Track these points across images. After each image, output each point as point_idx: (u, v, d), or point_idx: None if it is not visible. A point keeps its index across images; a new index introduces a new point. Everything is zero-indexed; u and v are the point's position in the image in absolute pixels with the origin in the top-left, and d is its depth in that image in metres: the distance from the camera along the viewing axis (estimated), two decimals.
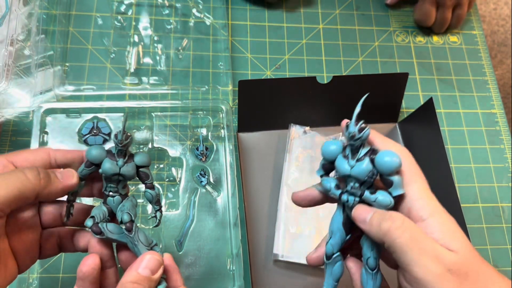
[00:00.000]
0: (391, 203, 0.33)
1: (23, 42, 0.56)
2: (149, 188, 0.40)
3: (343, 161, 0.35)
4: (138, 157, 0.39)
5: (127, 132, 0.37)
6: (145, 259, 0.35)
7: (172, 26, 0.66)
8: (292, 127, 0.61)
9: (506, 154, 0.66)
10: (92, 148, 0.38)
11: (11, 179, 0.32)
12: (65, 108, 0.56)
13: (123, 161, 0.38)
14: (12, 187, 0.32)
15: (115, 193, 0.39)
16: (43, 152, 0.37)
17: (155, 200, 0.40)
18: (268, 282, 0.55)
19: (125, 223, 0.37)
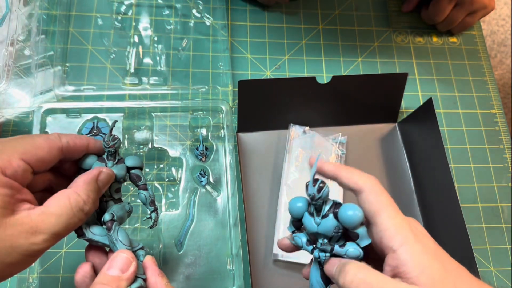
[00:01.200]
0: (361, 254, 0.34)
1: (23, 42, 0.56)
2: (142, 190, 0.40)
3: (310, 218, 0.35)
4: (128, 159, 0.39)
5: (114, 134, 0.38)
6: (113, 258, 0.34)
7: (172, 26, 0.66)
8: (292, 127, 0.61)
9: (505, 154, 0.66)
10: (84, 157, 0.38)
11: (74, 221, 0.33)
12: (65, 108, 0.56)
13: (113, 163, 0.38)
14: (72, 227, 0.33)
15: (108, 197, 0.39)
16: (57, 150, 0.36)
17: (149, 201, 0.41)
18: (268, 282, 0.55)
19: (105, 222, 0.37)
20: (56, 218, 0.32)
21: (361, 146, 0.63)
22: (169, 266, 0.52)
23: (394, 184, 0.61)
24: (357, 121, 0.64)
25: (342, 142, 0.62)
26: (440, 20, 0.71)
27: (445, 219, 0.55)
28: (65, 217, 0.32)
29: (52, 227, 0.31)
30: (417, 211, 0.60)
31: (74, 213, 0.33)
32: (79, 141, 0.38)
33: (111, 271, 0.33)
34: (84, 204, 0.34)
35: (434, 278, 0.30)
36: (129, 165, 0.39)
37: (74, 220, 0.33)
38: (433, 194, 0.58)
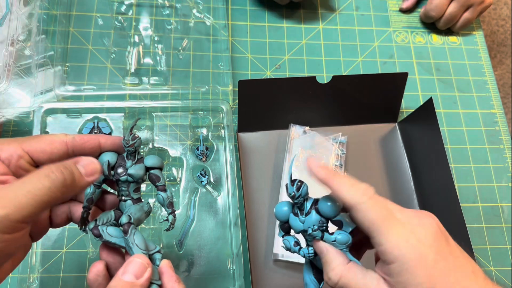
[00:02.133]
0: (349, 239, 0.35)
1: (23, 42, 0.56)
2: (160, 191, 0.39)
3: (295, 218, 0.37)
4: (148, 158, 0.39)
5: (134, 133, 0.37)
6: (128, 263, 0.33)
7: (172, 26, 0.66)
8: (292, 127, 0.61)
9: (505, 154, 0.66)
10: (103, 154, 0.37)
11: (40, 192, 0.30)
12: (65, 108, 0.56)
13: (132, 162, 0.38)
14: (40, 201, 0.30)
15: (126, 197, 0.38)
16: (61, 144, 0.36)
17: (167, 203, 0.40)
18: (268, 281, 0.55)
19: (122, 224, 0.36)
20: (20, 185, 0.30)
21: (361, 146, 0.63)
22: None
23: (394, 184, 0.61)
24: (357, 121, 0.64)
25: (342, 142, 0.62)
26: (438, 17, 0.71)
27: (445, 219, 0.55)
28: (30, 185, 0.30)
29: (15, 196, 0.29)
30: None
31: (43, 182, 0.30)
32: (88, 137, 0.37)
33: (126, 276, 0.33)
34: (51, 173, 0.31)
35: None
36: (149, 165, 0.38)
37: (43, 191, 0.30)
38: (433, 194, 0.58)
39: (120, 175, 0.37)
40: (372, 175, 0.62)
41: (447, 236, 0.33)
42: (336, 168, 0.60)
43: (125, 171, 0.37)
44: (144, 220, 0.39)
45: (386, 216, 0.33)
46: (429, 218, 0.34)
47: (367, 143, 0.63)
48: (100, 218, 0.37)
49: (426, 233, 0.32)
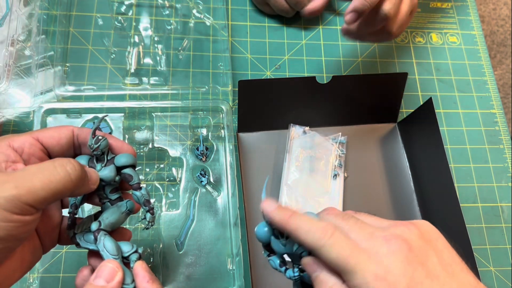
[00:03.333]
0: None
1: (23, 42, 0.56)
2: (134, 190, 0.38)
3: (276, 241, 0.36)
4: (118, 158, 0.37)
5: (97, 135, 0.36)
6: (99, 268, 0.34)
7: (172, 26, 0.66)
8: (292, 127, 0.61)
9: (505, 154, 0.66)
10: (78, 158, 0.37)
11: (55, 179, 0.30)
12: (65, 108, 0.56)
13: (101, 165, 0.37)
14: (54, 188, 0.30)
15: (105, 199, 0.38)
16: (67, 129, 0.36)
17: (143, 201, 0.38)
18: (268, 281, 0.55)
19: (93, 231, 0.36)
20: (36, 169, 0.30)
21: (361, 146, 0.63)
22: (169, 266, 0.52)
23: (394, 184, 0.61)
24: (357, 121, 0.64)
25: (342, 142, 0.62)
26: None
27: (445, 219, 0.55)
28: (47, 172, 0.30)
29: (29, 179, 0.29)
30: (417, 211, 0.60)
31: (58, 171, 0.31)
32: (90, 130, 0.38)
33: (97, 281, 0.33)
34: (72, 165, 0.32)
35: None
36: (119, 164, 0.37)
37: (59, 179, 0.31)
38: (433, 194, 0.58)
39: None
40: (372, 175, 0.62)
41: (424, 257, 0.30)
42: (336, 169, 0.60)
43: None
44: (123, 220, 0.38)
45: (350, 253, 0.31)
46: (397, 241, 0.31)
47: (367, 143, 0.63)
48: (79, 226, 0.37)
49: (395, 260, 0.30)
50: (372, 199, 0.60)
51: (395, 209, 0.60)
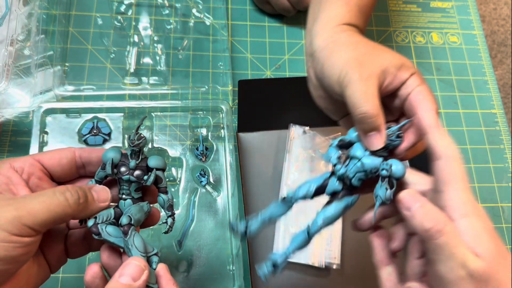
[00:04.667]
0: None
1: (23, 42, 0.56)
2: (162, 193, 0.39)
3: (360, 147, 0.37)
4: (152, 159, 0.38)
5: (140, 133, 0.37)
6: (126, 265, 0.34)
7: (172, 26, 0.66)
8: (292, 127, 0.61)
9: (506, 154, 0.66)
10: (107, 151, 0.37)
11: (53, 204, 0.31)
12: (65, 108, 0.56)
13: (136, 162, 0.37)
14: (53, 211, 0.31)
15: (127, 196, 0.38)
16: (68, 150, 0.37)
17: (167, 206, 0.39)
18: (268, 281, 0.55)
19: (123, 225, 0.36)
20: (35, 195, 0.32)
21: None
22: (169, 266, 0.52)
23: None
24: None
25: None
26: None
27: None
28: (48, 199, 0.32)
29: (29, 202, 0.31)
30: None
31: (57, 196, 0.32)
32: (93, 149, 0.39)
33: (123, 278, 0.33)
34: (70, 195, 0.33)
35: (489, 252, 0.30)
36: (152, 165, 0.38)
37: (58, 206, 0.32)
38: None
39: (123, 174, 0.37)
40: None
41: None
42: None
43: (128, 171, 0.37)
44: (143, 220, 0.39)
45: (465, 178, 0.33)
46: None
47: None
48: (100, 215, 0.37)
49: None
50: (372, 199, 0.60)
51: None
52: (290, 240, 0.39)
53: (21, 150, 0.56)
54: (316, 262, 0.54)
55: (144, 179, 0.38)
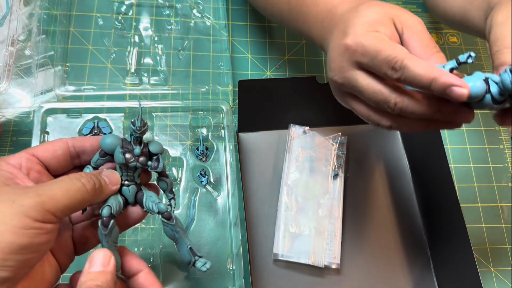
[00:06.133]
0: None
1: (23, 42, 0.56)
2: (164, 176, 0.40)
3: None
4: (152, 145, 0.38)
5: (143, 119, 0.37)
6: (92, 258, 0.34)
7: (172, 26, 0.66)
8: (292, 127, 0.61)
9: (505, 154, 0.66)
10: (106, 137, 0.37)
11: (72, 190, 0.32)
12: (65, 108, 0.56)
13: (140, 148, 0.37)
14: (73, 197, 0.31)
15: (130, 182, 0.38)
16: (61, 141, 0.37)
17: (170, 189, 0.40)
18: (268, 281, 0.55)
19: (162, 212, 0.37)
20: (54, 181, 0.32)
21: (361, 146, 0.63)
22: (169, 265, 0.52)
23: (394, 184, 0.61)
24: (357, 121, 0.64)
25: (342, 142, 0.62)
26: None
27: (445, 219, 0.55)
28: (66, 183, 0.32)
29: (50, 189, 0.31)
30: (417, 211, 0.60)
31: (75, 182, 0.32)
32: (86, 138, 0.38)
33: (94, 267, 0.33)
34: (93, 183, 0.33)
35: None
36: (154, 151, 0.38)
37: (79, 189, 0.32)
38: (433, 194, 0.58)
39: (129, 161, 0.37)
40: (372, 175, 0.62)
41: None
42: (336, 169, 0.60)
43: (133, 157, 0.37)
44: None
45: None
46: None
47: (367, 143, 0.63)
48: (113, 205, 0.36)
49: None
50: (372, 199, 0.60)
51: (395, 209, 0.60)
52: None
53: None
54: (316, 262, 0.54)
55: (148, 164, 0.38)
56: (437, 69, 0.35)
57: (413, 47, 0.38)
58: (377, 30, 0.38)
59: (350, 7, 0.42)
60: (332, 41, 0.42)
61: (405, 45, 0.39)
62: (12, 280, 0.29)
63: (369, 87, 0.38)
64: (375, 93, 0.38)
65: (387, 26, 0.39)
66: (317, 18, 0.46)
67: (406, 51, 0.36)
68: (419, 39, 0.39)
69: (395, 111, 0.38)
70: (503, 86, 0.34)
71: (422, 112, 0.37)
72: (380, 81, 0.38)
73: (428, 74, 0.34)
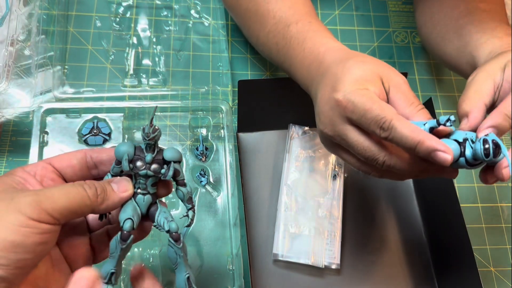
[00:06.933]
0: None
1: (23, 42, 0.56)
2: (181, 185, 0.38)
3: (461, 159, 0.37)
4: (168, 151, 0.37)
5: (154, 125, 0.35)
6: (74, 280, 0.31)
7: (170, 27, 0.66)
8: (291, 127, 0.61)
9: None
10: (119, 145, 0.36)
11: (72, 193, 0.32)
12: (65, 108, 0.56)
13: (152, 156, 0.36)
14: (72, 199, 0.31)
15: (143, 190, 0.36)
16: (79, 152, 0.37)
17: (187, 198, 0.38)
18: (268, 282, 0.55)
19: (172, 232, 0.36)
20: (55, 185, 0.32)
21: None
22: (169, 265, 0.52)
23: (394, 184, 0.61)
24: None
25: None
26: None
27: (445, 219, 0.55)
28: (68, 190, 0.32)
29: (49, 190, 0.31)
30: (416, 211, 0.60)
31: (76, 186, 0.32)
32: (104, 149, 0.39)
33: None
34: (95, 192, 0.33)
35: None
36: (168, 158, 0.36)
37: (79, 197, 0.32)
38: (433, 194, 0.58)
39: (139, 169, 0.36)
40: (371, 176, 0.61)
41: None
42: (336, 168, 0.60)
43: (144, 165, 0.36)
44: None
45: None
46: None
47: None
48: (133, 217, 0.35)
49: None
50: (371, 199, 0.60)
51: (395, 209, 0.60)
52: None
53: (22, 150, 0.57)
54: (316, 262, 0.54)
55: (162, 173, 0.36)
56: (423, 133, 0.36)
57: (398, 105, 0.40)
58: (366, 88, 0.39)
59: (337, 58, 0.43)
60: (321, 94, 0.43)
61: (391, 102, 0.40)
62: (8, 281, 0.28)
63: (359, 143, 0.39)
64: (364, 149, 0.39)
65: (376, 85, 0.40)
66: (303, 63, 0.47)
67: (394, 111, 0.38)
68: (404, 97, 0.40)
69: (384, 168, 0.39)
70: (475, 154, 0.35)
71: (409, 170, 0.39)
72: (369, 138, 0.39)
73: (414, 137, 0.36)
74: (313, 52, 0.46)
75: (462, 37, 0.52)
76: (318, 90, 0.44)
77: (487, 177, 0.38)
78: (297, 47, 0.48)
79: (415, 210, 0.60)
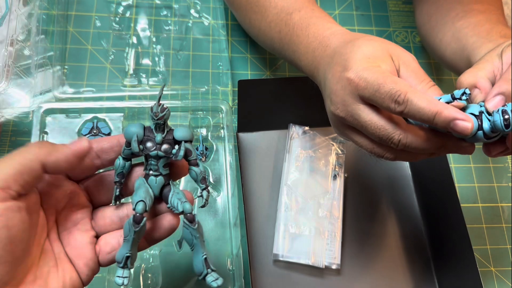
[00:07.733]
0: None
1: (23, 42, 0.56)
2: (193, 165, 0.37)
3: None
4: (178, 131, 0.36)
5: (162, 104, 0.34)
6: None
7: (170, 27, 0.66)
8: (292, 127, 0.61)
9: None
10: (128, 126, 0.35)
11: (13, 156, 0.31)
12: (64, 108, 0.56)
13: (162, 136, 0.35)
14: (14, 162, 0.30)
15: (155, 172, 0.36)
16: (83, 139, 0.36)
17: (201, 178, 0.37)
18: (268, 282, 0.55)
19: (186, 213, 0.35)
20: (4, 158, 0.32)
21: None
22: (169, 265, 0.52)
23: (394, 184, 0.61)
24: None
25: (342, 142, 0.61)
26: None
27: (445, 219, 0.55)
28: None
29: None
30: (417, 211, 0.60)
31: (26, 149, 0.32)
32: (103, 137, 0.37)
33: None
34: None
35: None
36: (179, 138, 0.35)
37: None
38: (433, 194, 0.58)
39: (150, 150, 0.35)
40: (372, 176, 0.61)
41: None
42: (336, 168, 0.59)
43: (154, 146, 0.35)
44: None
45: None
46: None
47: None
48: (146, 199, 0.34)
49: None
50: (372, 199, 0.60)
51: (395, 209, 0.60)
52: None
53: None
54: (316, 262, 0.54)
55: (173, 153, 0.35)
56: (440, 103, 0.35)
57: (409, 82, 0.39)
58: (378, 65, 0.39)
59: (343, 40, 0.43)
60: (331, 75, 0.41)
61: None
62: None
63: (372, 122, 0.38)
64: (378, 128, 0.38)
65: (387, 62, 0.39)
66: (308, 48, 0.47)
67: (408, 85, 0.37)
68: (415, 74, 0.39)
69: (399, 147, 0.38)
70: (494, 126, 0.34)
71: (426, 148, 0.37)
72: (383, 117, 0.38)
73: (431, 107, 0.34)
74: (317, 37, 0.46)
75: (459, 40, 0.52)
76: (326, 72, 0.43)
77: (490, 149, 0.37)
78: (301, 34, 0.48)
79: (415, 210, 0.60)
